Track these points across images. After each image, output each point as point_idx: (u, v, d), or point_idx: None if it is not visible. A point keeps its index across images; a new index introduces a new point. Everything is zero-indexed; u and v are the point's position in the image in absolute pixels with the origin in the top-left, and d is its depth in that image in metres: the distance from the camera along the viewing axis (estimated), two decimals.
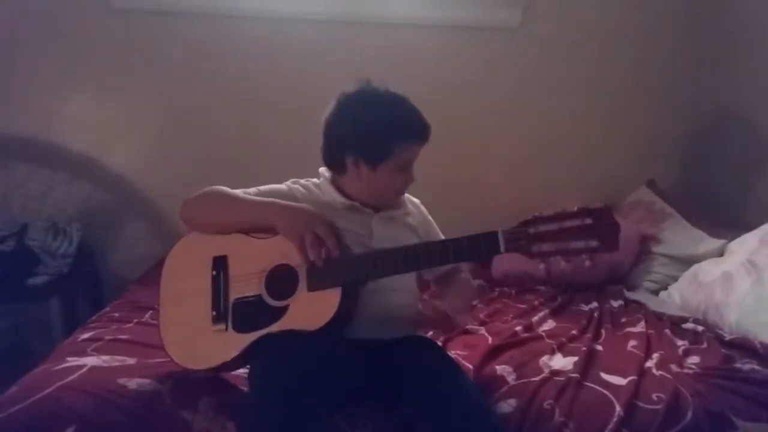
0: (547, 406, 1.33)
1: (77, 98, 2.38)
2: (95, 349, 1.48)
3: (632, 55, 2.62)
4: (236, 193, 1.38)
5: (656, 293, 2.15)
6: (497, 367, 1.48)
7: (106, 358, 1.42)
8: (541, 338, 1.71)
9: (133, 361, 1.42)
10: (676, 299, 2.03)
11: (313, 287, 1.26)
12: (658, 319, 1.87)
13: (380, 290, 1.30)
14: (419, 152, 1.41)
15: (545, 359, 1.53)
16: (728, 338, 1.67)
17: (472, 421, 1.18)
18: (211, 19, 2.38)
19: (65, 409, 1.22)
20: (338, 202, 1.42)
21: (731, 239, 2.04)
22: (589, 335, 1.72)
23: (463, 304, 1.42)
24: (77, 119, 2.39)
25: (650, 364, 1.53)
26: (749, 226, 2.01)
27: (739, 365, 1.52)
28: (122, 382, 1.29)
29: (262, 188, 1.43)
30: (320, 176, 1.49)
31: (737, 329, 1.71)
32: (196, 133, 2.45)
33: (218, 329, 1.30)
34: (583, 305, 2.02)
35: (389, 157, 1.36)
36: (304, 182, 1.48)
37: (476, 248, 1.21)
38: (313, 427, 1.12)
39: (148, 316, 1.73)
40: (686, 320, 1.83)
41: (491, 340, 1.66)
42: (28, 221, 2.28)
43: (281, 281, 1.29)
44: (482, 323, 1.83)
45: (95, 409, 1.23)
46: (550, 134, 2.63)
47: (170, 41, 2.38)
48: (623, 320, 1.87)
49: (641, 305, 2.01)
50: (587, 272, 2.11)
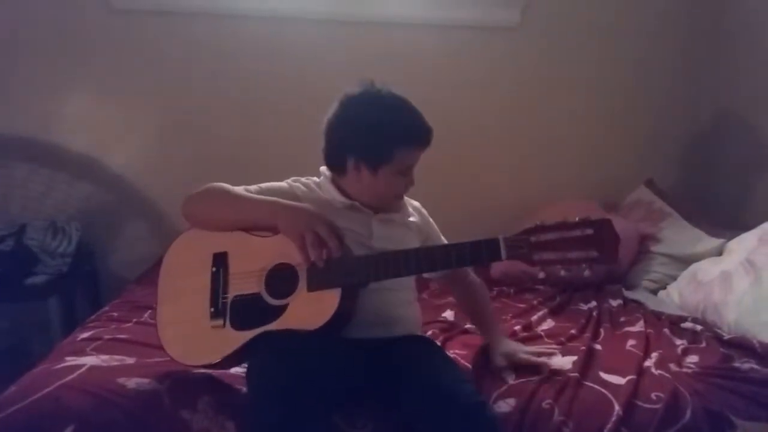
0: (546, 405, 1.33)
1: (77, 98, 2.38)
2: (94, 348, 1.48)
3: (632, 55, 2.62)
4: (238, 190, 1.38)
5: (655, 292, 2.15)
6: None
7: (105, 357, 1.42)
8: (540, 338, 1.71)
9: (132, 360, 1.42)
10: (674, 298, 2.03)
11: (313, 287, 1.26)
12: (657, 318, 1.87)
13: (379, 289, 1.31)
14: (420, 156, 1.41)
15: (544, 359, 1.53)
16: (727, 337, 1.67)
17: (470, 420, 1.18)
18: (211, 19, 2.38)
19: (64, 408, 1.22)
20: (338, 201, 1.42)
21: (730, 238, 2.04)
22: (588, 335, 1.72)
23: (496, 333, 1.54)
24: (77, 119, 2.39)
25: (649, 363, 1.53)
26: (748, 225, 2.00)
27: (737, 364, 1.51)
28: (121, 381, 1.29)
29: (263, 186, 1.43)
30: (321, 175, 1.49)
31: (736, 328, 1.71)
32: (195, 133, 2.45)
33: (216, 325, 1.30)
34: (581, 305, 2.02)
35: (390, 161, 1.36)
36: (305, 180, 1.48)
37: (477, 254, 1.22)
38: (312, 426, 1.12)
39: (147, 315, 1.73)
40: (685, 319, 1.83)
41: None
42: (27, 221, 2.28)
43: (281, 280, 1.29)
44: None
45: (94, 408, 1.23)
46: (549, 134, 2.63)
47: (170, 41, 2.38)
48: (622, 319, 1.87)
49: (640, 304, 2.01)
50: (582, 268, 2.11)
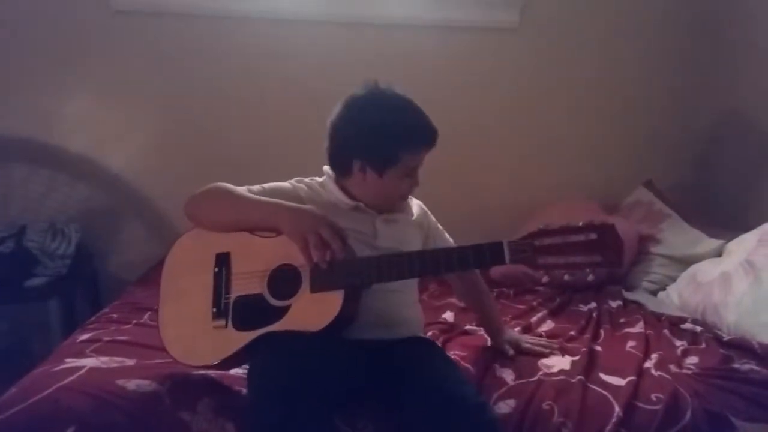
0: (546, 406, 1.33)
1: (77, 98, 2.38)
2: (94, 350, 1.48)
3: (632, 55, 2.62)
4: (241, 191, 1.38)
5: (655, 293, 2.15)
6: (497, 367, 1.48)
7: (104, 359, 1.42)
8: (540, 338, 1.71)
9: (132, 362, 1.42)
10: (674, 299, 2.03)
11: (315, 288, 1.26)
12: (656, 319, 1.87)
13: (381, 290, 1.31)
14: (425, 157, 1.41)
15: (544, 360, 1.53)
16: (727, 338, 1.67)
17: (472, 421, 1.18)
18: (211, 19, 2.38)
19: (64, 410, 1.22)
20: (343, 202, 1.42)
21: (729, 239, 2.04)
22: (587, 336, 1.72)
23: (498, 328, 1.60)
24: (77, 119, 2.38)
25: (649, 364, 1.53)
26: (748, 226, 2.00)
27: (737, 365, 1.52)
28: (121, 383, 1.29)
29: (266, 186, 1.43)
30: (324, 175, 1.49)
31: (735, 329, 1.71)
32: (195, 133, 2.45)
33: (218, 325, 1.30)
34: (581, 306, 2.02)
35: (396, 164, 1.36)
36: (308, 181, 1.48)
37: (481, 258, 1.23)
38: (312, 427, 1.12)
39: (146, 317, 1.73)
40: (685, 320, 1.83)
41: (490, 340, 1.66)
42: (27, 222, 2.28)
43: (284, 281, 1.29)
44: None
45: (94, 410, 1.23)
46: (549, 134, 2.63)
47: (170, 42, 2.38)
48: (622, 321, 1.87)
49: (640, 305, 2.01)
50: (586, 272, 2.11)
